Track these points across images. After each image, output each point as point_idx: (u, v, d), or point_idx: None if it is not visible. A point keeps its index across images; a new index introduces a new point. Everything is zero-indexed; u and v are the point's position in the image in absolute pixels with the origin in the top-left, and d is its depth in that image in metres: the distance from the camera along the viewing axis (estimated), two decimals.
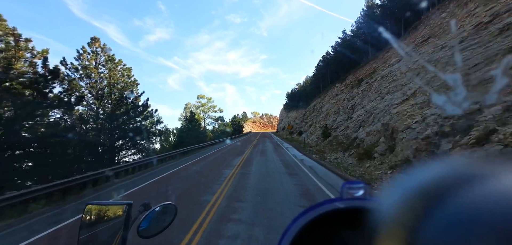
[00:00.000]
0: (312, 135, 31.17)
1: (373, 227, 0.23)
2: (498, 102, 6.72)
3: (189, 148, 19.52)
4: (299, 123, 48.86)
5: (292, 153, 16.64)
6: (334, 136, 19.77)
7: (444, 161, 0.22)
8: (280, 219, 4.63)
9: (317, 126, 32.39)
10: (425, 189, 0.20)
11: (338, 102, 30.07)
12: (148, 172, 11.79)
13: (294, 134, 44.00)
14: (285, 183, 7.61)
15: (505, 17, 9.86)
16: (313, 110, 42.91)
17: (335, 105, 30.35)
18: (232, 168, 11.10)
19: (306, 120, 43.25)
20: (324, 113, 32.70)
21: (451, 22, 15.59)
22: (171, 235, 3.93)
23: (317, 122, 33.47)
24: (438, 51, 13.09)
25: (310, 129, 35.93)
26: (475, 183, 0.18)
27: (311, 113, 42.40)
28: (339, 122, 21.99)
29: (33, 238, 4.40)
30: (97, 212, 1.02)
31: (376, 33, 32.07)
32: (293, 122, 62.54)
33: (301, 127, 43.52)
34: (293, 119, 68.89)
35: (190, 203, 5.78)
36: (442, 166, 0.21)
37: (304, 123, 42.75)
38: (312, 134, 32.10)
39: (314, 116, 37.80)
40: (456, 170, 0.20)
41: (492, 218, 0.15)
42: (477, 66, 8.98)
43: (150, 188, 8.01)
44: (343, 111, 24.35)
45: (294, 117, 72.59)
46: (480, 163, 0.20)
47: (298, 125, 48.76)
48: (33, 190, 6.44)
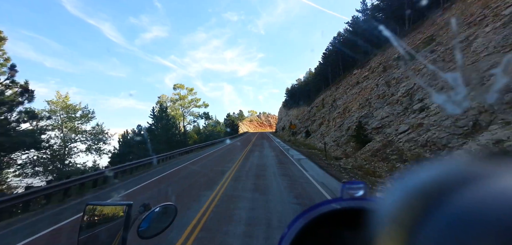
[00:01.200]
0: (326, 136, 22.96)
1: (372, 227, 0.22)
2: None
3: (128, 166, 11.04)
4: (303, 122, 40.61)
5: (318, 179, 8.34)
6: (385, 141, 11.37)
7: (444, 161, 0.22)
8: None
9: (333, 124, 24.19)
10: (425, 189, 0.20)
11: (362, 91, 21.89)
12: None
13: (299, 135, 35.79)
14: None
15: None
16: (321, 105, 34.77)
17: (358, 96, 22.17)
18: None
19: (313, 117, 35.01)
20: (341, 107, 24.50)
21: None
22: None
23: (332, 120, 25.24)
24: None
25: (321, 128, 27.73)
26: (475, 183, 0.18)
27: (320, 109, 34.16)
28: (385, 117, 13.64)
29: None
30: (97, 213, 1.03)
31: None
32: (295, 120, 54.48)
33: (307, 126, 35.32)
34: (294, 117, 60.81)
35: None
36: (442, 166, 0.21)
37: (311, 122, 34.52)
38: (326, 134, 23.89)
39: (325, 112, 29.56)
40: (456, 170, 0.20)
41: (492, 218, 0.15)
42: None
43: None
44: (381, 101, 16.16)
45: (295, 115, 64.54)
46: (480, 163, 0.20)
47: (301, 124, 40.52)
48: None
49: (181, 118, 36.49)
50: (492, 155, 0.19)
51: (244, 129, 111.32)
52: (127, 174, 10.57)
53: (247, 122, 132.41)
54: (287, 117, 74.81)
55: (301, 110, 60.59)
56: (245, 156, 15.42)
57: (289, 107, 79.98)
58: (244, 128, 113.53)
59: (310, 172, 9.46)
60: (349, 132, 17.70)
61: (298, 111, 64.82)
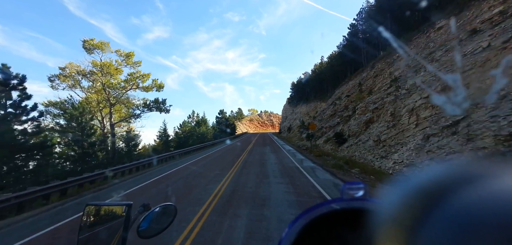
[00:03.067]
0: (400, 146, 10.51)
1: (372, 227, 0.22)
2: None
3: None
4: (323, 120, 28.02)
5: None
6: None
7: (444, 161, 0.21)
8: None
9: (412, 120, 11.51)
10: (425, 189, 0.20)
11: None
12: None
13: (320, 139, 23.26)
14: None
15: None
16: (357, 91, 22.28)
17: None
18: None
19: (343, 112, 22.35)
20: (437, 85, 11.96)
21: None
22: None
23: (408, 112, 12.44)
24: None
25: (373, 129, 15.17)
26: (475, 183, 0.18)
27: (358, 97, 21.51)
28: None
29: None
30: (96, 213, 1.02)
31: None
32: (306, 118, 41.98)
33: (334, 126, 22.80)
34: (304, 115, 48.29)
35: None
36: (442, 167, 0.21)
37: (342, 119, 21.89)
38: (398, 142, 11.46)
39: (378, 101, 16.80)
40: (456, 170, 0.20)
41: (492, 218, 0.15)
42: None
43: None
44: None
45: (305, 112, 52.00)
46: (480, 163, 0.20)
47: (321, 123, 27.96)
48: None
49: (97, 109, 19.75)
50: (492, 155, 0.19)
51: (243, 129, 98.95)
52: None
53: (246, 122, 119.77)
54: (293, 115, 62.17)
55: (312, 107, 48.06)
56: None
57: (296, 104, 67.39)
58: (243, 128, 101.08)
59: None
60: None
61: (308, 107, 52.19)
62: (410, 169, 9.22)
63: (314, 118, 34.27)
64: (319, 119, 30.18)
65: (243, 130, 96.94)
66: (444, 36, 13.99)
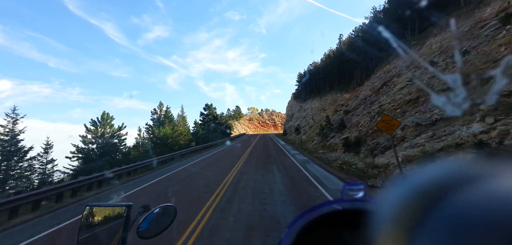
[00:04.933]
0: None
1: (372, 228, 0.22)
2: None
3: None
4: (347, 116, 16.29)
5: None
6: None
7: (444, 161, 0.21)
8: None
9: None
10: (424, 190, 0.20)
11: None
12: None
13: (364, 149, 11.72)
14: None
15: None
16: None
17: None
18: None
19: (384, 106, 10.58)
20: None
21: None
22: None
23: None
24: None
25: None
26: (475, 183, 0.18)
27: None
28: None
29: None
30: (96, 213, 1.01)
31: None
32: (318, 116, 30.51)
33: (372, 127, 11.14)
34: (319, 112, 36.69)
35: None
36: (442, 166, 0.21)
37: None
38: None
39: None
40: (456, 170, 0.20)
41: (492, 218, 0.15)
42: None
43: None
44: None
45: (318, 108, 40.35)
46: (480, 163, 0.20)
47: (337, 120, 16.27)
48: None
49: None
50: (492, 155, 0.19)
51: (241, 129, 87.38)
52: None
53: (245, 121, 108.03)
54: (302, 112, 50.46)
55: (329, 100, 36.54)
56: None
57: (304, 99, 55.69)
58: (241, 129, 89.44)
59: None
60: None
61: (322, 102, 40.57)
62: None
63: (343, 113, 22.62)
64: (337, 115, 18.53)
65: (241, 131, 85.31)
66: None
